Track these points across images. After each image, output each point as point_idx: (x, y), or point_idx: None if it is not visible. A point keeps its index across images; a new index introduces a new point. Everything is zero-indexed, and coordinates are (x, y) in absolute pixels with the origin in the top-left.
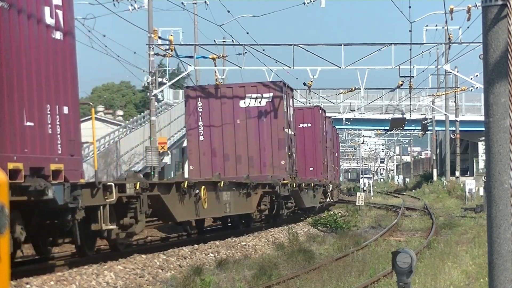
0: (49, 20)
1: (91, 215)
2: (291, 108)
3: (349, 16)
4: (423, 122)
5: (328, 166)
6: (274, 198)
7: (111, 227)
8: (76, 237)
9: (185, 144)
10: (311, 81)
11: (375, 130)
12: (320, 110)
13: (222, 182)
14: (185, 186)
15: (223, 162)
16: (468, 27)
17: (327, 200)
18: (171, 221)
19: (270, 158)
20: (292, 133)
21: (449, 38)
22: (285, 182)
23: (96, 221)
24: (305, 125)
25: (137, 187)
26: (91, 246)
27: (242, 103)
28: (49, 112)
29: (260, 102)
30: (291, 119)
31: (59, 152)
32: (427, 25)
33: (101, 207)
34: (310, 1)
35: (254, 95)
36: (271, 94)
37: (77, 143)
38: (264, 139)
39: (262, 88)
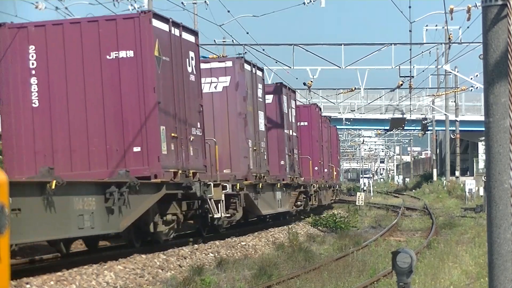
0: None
1: None
2: None
3: (349, 16)
4: (423, 122)
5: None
6: None
7: None
8: None
9: None
10: (311, 81)
11: (375, 130)
12: (182, 31)
13: None
14: None
15: None
16: (468, 27)
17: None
18: None
19: None
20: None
21: (449, 38)
22: None
23: None
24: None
25: None
26: None
27: None
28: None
29: None
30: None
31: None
32: (427, 25)
33: None
34: (310, 1)
35: None
36: None
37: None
38: None
39: None
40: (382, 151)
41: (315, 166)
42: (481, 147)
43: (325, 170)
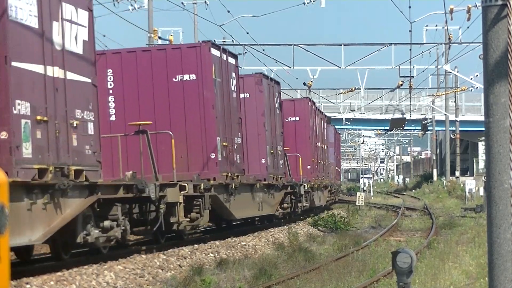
0: None
1: None
2: None
3: (349, 16)
4: (423, 122)
5: None
6: None
7: None
8: None
9: None
10: (311, 81)
11: (375, 130)
12: None
13: None
14: None
15: None
16: (468, 27)
17: None
18: None
19: None
20: None
21: (449, 38)
22: None
23: None
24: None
25: None
26: None
27: None
28: None
29: None
30: None
31: None
32: (427, 25)
33: None
34: (310, 1)
35: None
36: None
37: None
38: None
39: None
40: (382, 151)
41: (211, 153)
42: (481, 147)
43: (263, 160)
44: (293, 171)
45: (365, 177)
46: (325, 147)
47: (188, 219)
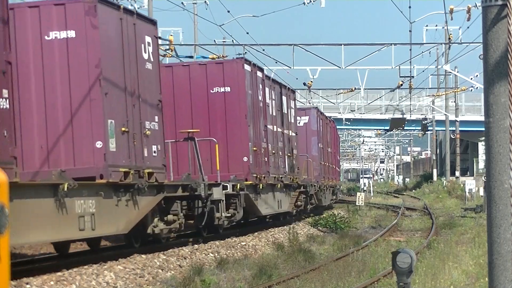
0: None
1: None
2: None
3: (349, 16)
4: (423, 122)
5: None
6: None
7: None
8: None
9: None
10: (311, 81)
11: (375, 130)
12: None
13: None
14: None
15: None
16: (468, 27)
17: None
18: None
19: None
20: None
21: (449, 38)
22: None
23: None
24: None
25: None
26: None
27: None
28: None
29: None
30: None
31: None
32: (427, 25)
33: None
34: (310, 1)
35: None
36: None
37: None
38: None
39: None
40: (382, 151)
41: None
42: (481, 147)
43: (99, 144)
44: (213, 165)
45: (365, 177)
46: (292, 134)
47: None
